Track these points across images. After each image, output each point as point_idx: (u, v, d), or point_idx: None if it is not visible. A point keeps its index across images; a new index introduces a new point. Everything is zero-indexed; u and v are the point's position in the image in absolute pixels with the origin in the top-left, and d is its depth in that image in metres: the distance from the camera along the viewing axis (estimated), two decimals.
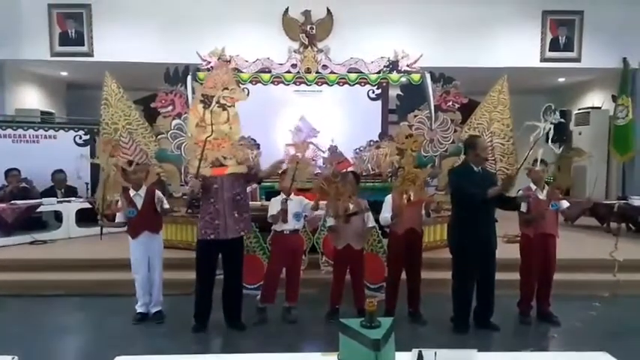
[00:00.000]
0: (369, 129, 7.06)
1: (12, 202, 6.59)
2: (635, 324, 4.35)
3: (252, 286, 4.47)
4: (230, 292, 4.07)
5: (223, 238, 3.91)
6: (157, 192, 4.31)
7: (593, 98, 9.79)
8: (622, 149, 8.49)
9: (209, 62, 6.62)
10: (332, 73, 6.86)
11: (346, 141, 6.63)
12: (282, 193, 4.21)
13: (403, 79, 6.88)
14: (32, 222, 6.85)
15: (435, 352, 1.60)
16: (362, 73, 6.87)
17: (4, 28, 7.88)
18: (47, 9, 7.91)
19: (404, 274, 4.31)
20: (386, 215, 4.19)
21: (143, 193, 4.24)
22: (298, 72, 6.85)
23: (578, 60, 8.40)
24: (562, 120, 4.59)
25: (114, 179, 4.00)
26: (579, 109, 9.88)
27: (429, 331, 4.11)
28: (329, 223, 4.34)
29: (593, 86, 9.87)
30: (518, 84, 7.48)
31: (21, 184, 7.09)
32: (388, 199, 4.27)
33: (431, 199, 4.32)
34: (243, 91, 5.15)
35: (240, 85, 6.30)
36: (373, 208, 4.34)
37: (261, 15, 7.84)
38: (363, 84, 6.94)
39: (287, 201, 4.11)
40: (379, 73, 6.87)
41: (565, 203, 4.30)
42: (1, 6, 7.86)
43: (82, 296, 4.96)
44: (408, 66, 6.80)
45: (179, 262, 5.05)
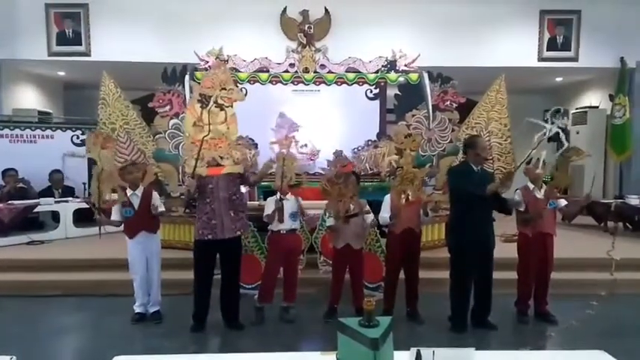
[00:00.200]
0: (367, 128, 7.05)
1: (9, 202, 6.58)
2: (632, 323, 4.37)
3: (250, 286, 4.48)
4: (228, 292, 4.07)
5: (220, 238, 3.91)
6: (154, 194, 4.30)
7: (591, 97, 9.82)
8: (619, 148, 8.52)
9: (207, 62, 6.62)
10: (330, 72, 6.87)
11: (344, 140, 6.65)
12: (278, 193, 4.21)
13: (401, 79, 6.89)
14: (29, 222, 6.85)
15: (433, 351, 1.60)
16: (360, 72, 6.88)
17: (1, 27, 7.87)
18: (44, 8, 7.90)
19: (402, 274, 4.32)
20: (385, 215, 4.20)
21: (140, 192, 4.22)
22: (296, 71, 6.86)
23: (575, 59, 8.41)
24: (566, 125, 4.61)
25: (108, 172, 3.93)
26: (577, 109, 9.88)
27: (427, 330, 4.11)
28: (328, 222, 4.34)
29: (590, 85, 9.88)
30: (515, 83, 7.50)
31: (18, 184, 7.07)
32: (387, 198, 4.27)
33: (429, 199, 4.32)
34: (241, 90, 5.16)
35: (238, 84, 6.31)
36: (371, 207, 4.33)
37: (259, 14, 7.84)
38: (361, 83, 6.94)
39: (282, 200, 4.11)
40: (377, 72, 6.88)
41: (563, 202, 4.31)
42: None
43: (79, 296, 4.95)
44: (405, 65, 6.82)
45: (177, 262, 5.04)
